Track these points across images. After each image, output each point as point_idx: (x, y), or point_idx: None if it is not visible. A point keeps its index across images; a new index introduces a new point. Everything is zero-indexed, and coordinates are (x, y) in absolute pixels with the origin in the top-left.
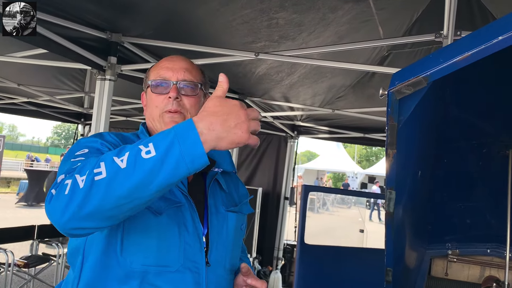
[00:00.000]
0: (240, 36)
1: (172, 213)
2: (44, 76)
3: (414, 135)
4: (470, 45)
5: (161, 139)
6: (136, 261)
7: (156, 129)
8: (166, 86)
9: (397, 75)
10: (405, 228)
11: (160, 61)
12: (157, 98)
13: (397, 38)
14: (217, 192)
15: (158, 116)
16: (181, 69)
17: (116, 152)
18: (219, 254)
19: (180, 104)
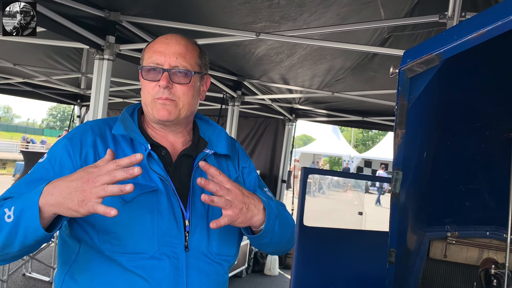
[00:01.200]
0: (240, 16)
1: (143, 199)
2: (40, 56)
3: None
4: (485, 22)
5: (20, 203)
6: (109, 249)
7: (148, 113)
8: (157, 72)
9: (408, 52)
10: (408, 210)
11: (155, 40)
12: (149, 84)
13: (400, 19)
14: (205, 173)
15: (150, 101)
16: (174, 54)
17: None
18: (202, 238)
19: (171, 92)
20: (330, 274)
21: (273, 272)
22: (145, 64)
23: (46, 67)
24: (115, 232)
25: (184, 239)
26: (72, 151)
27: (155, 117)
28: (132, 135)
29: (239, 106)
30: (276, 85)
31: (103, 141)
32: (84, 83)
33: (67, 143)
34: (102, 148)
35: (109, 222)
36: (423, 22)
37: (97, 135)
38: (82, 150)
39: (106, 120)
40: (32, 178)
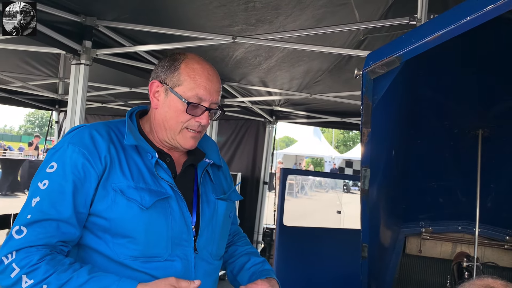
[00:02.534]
0: (217, 20)
1: (159, 205)
2: (15, 61)
3: (388, 115)
4: (440, 25)
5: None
6: (123, 252)
7: (166, 135)
8: (199, 108)
9: (371, 55)
10: (380, 207)
11: (197, 70)
12: (186, 116)
13: (373, 22)
14: (207, 181)
15: (178, 130)
16: (216, 92)
17: (60, 285)
18: (208, 241)
19: (203, 126)
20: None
21: None
22: (189, 97)
23: (23, 73)
24: (132, 237)
25: (193, 242)
26: (92, 159)
27: (180, 145)
28: (140, 144)
29: None
30: (255, 88)
31: (115, 147)
32: (61, 88)
33: (83, 151)
34: (115, 154)
35: (127, 228)
36: (395, 24)
37: (109, 141)
38: (101, 157)
39: (108, 125)
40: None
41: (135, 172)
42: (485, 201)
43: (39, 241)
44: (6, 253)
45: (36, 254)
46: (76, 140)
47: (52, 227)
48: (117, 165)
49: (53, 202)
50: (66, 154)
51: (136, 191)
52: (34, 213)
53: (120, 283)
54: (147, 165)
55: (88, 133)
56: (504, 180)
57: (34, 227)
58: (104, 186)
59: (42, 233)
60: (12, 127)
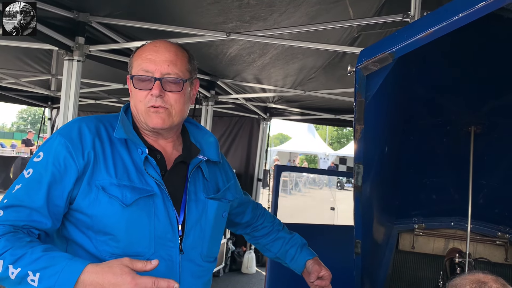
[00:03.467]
0: (211, 16)
1: (142, 203)
2: (7, 57)
3: (381, 111)
4: (432, 22)
5: (47, 277)
6: (106, 250)
7: (140, 120)
8: (148, 81)
9: (364, 52)
10: (373, 203)
11: (144, 47)
12: (141, 93)
13: (367, 19)
14: (199, 179)
15: (143, 111)
16: (165, 61)
17: (14, 260)
18: (196, 242)
19: (164, 100)
20: None
21: (250, 270)
22: (135, 72)
23: (15, 69)
24: (113, 235)
25: (178, 243)
26: (75, 153)
27: (148, 125)
28: (131, 138)
29: (213, 105)
30: (249, 85)
31: (101, 142)
32: (54, 84)
33: (67, 144)
34: (100, 149)
35: (108, 225)
36: (388, 21)
37: (95, 135)
38: (84, 151)
39: (100, 119)
40: (34, 180)
41: (120, 168)
42: (477, 198)
43: (7, 222)
44: None
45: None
46: (65, 132)
47: (23, 214)
48: (101, 161)
49: (28, 190)
50: (52, 145)
51: (118, 188)
52: (10, 198)
53: (71, 262)
54: (134, 161)
55: (77, 126)
56: (496, 176)
57: (7, 210)
58: (88, 182)
59: (12, 216)
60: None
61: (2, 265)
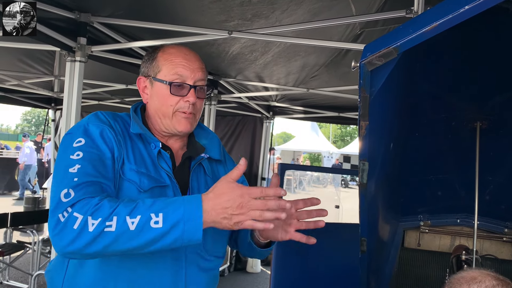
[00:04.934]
0: (212, 15)
1: (156, 192)
2: (10, 59)
3: (386, 107)
4: (438, 15)
5: (171, 212)
6: None
7: (163, 123)
8: (183, 88)
9: (368, 46)
10: (379, 200)
11: (172, 51)
12: (173, 98)
13: (369, 15)
14: (201, 175)
15: (171, 114)
16: (197, 69)
17: (129, 211)
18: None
19: (194, 106)
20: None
21: (255, 269)
22: (170, 78)
23: (18, 71)
24: None
25: None
26: (117, 140)
27: (176, 129)
28: (145, 133)
29: (215, 105)
30: (252, 83)
31: (122, 133)
32: (57, 86)
33: (104, 127)
34: (122, 138)
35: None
36: (391, 17)
37: (117, 127)
38: (117, 135)
39: (115, 114)
40: (92, 159)
41: (138, 157)
42: (483, 194)
43: (91, 194)
44: (61, 211)
45: (94, 199)
46: (95, 121)
47: (99, 186)
48: (124, 149)
49: (96, 167)
50: (90, 130)
51: (136, 174)
52: (79, 176)
53: (187, 197)
54: (149, 153)
55: (103, 116)
56: (503, 172)
57: (82, 186)
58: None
59: (92, 189)
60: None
61: (117, 220)
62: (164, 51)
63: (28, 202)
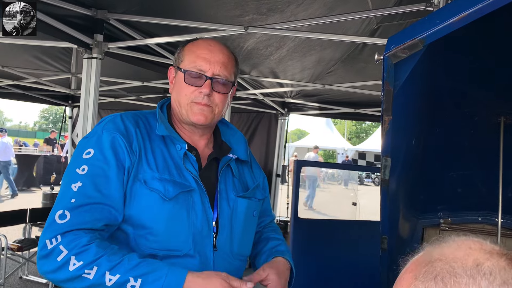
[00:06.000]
0: (227, 10)
1: (182, 197)
2: (28, 57)
3: (409, 102)
4: (466, 5)
5: (151, 282)
6: (144, 244)
7: (181, 113)
8: (199, 78)
9: (393, 38)
10: (399, 197)
11: (197, 44)
12: (188, 88)
13: (387, 9)
14: (229, 177)
15: (186, 104)
16: (218, 63)
17: (111, 266)
18: (228, 239)
19: (210, 98)
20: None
21: None
22: (188, 68)
23: (36, 69)
24: (152, 228)
25: (213, 239)
26: (128, 145)
27: (190, 119)
28: (172, 134)
29: (231, 102)
30: (267, 79)
31: (142, 136)
32: (74, 83)
33: (118, 136)
34: (142, 143)
35: (148, 218)
36: (410, 11)
37: (137, 129)
38: (133, 144)
39: (137, 114)
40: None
41: (160, 162)
42: (507, 191)
43: (85, 225)
44: (50, 237)
45: (85, 237)
46: (110, 127)
47: (97, 211)
48: (143, 155)
49: (97, 186)
50: (102, 139)
51: (160, 182)
52: (78, 197)
53: (173, 268)
54: (173, 156)
55: (120, 121)
56: None
57: (78, 211)
58: (134, 175)
59: (88, 217)
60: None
61: (96, 271)
62: (193, 43)
63: (46, 198)
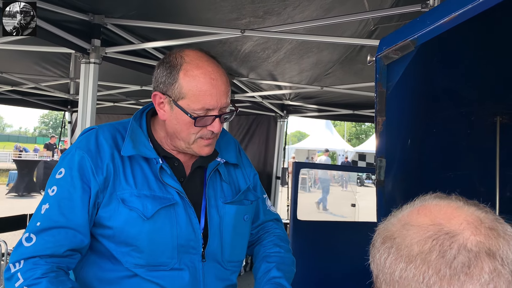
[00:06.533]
0: (224, 13)
1: (163, 213)
2: (27, 63)
3: (403, 102)
4: (456, 6)
5: None
6: (129, 261)
7: (180, 146)
8: (210, 118)
9: (384, 40)
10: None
11: (196, 76)
12: (196, 128)
13: (383, 10)
14: (217, 183)
15: (192, 141)
16: (224, 95)
17: None
18: (218, 248)
19: (217, 133)
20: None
21: None
22: (193, 110)
23: (35, 74)
24: (136, 246)
25: (201, 250)
26: (95, 168)
27: (196, 153)
28: (141, 152)
29: None
30: (265, 82)
31: (119, 152)
32: (73, 88)
33: (88, 159)
34: (119, 160)
35: (130, 236)
36: (406, 12)
37: (113, 146)
38: (103, 165)
39: (116, 127)
40: (64, 198)
41: (139, 178)
42: (504, 191)
43: (47, 250)
44: (14, 260)
45: (41, 268)
46: (83, 145)
47: (60, 235)
48: (121, 172)
49: (62, 209)
50: (73, 159)
51: (138, 199)
52: (43, 220)
53: None
54: (153, 170)
55: (94, 138)
56: None
57: (43, 235)
58: (109, 194)
59: (51, 242)
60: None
61: None
62: (186, 73)
63: None
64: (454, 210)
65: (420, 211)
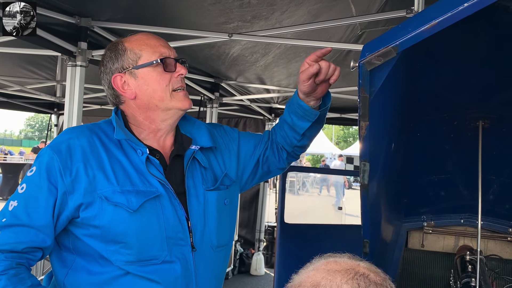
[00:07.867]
0: (212, 17)
1: (148, 206)
2: (12, 65)
3: (386, 107)
4: (437, 13)
5: None
6: (118, 259)
7: (159, 115)
8: (171, 63)
9: (367, 46)
10: (381, 201)
11: (139, 38)
12: (165, 77)
13: (370, 15)
14: (197, 170)
15: (169, 96)
16: (169, 46)
17: None
18: (204, 236)
19: (183, 80)
20: None
21: (259, 272)
22: (154, 58)
23: (20, 77)
24: (124, 242)
25: (189, 240)
26: (63, 170)
27: (179, 109)
28: (130, 139)
29: (217, 108)
30: (253, 85)
31: (93, 152)
32: (59, 91)
33: (57, 160)
34: (93, 159)
35: (118, 233)
36: (392, 17)
37: (86, 147)
38: (73, 167)
39: (90, 127)
40: (30, 197)
41: (120, 174)
42: (487, 193)
43: (7, 246)
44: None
45: (2, 264)
46: (54, 145)
47: (23, 233)
48: (99, 171)
49: (27, 208)
50: (43, 158)
51: (122, 195)
52: (9, 217)
53: None
54: (134, 163)
55: (66, 139)
56: (506, 171)
57: (6, 231)
58: (89, 193)
59: (12, 238)
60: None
61: None
62: (130, 41)
63: None
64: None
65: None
